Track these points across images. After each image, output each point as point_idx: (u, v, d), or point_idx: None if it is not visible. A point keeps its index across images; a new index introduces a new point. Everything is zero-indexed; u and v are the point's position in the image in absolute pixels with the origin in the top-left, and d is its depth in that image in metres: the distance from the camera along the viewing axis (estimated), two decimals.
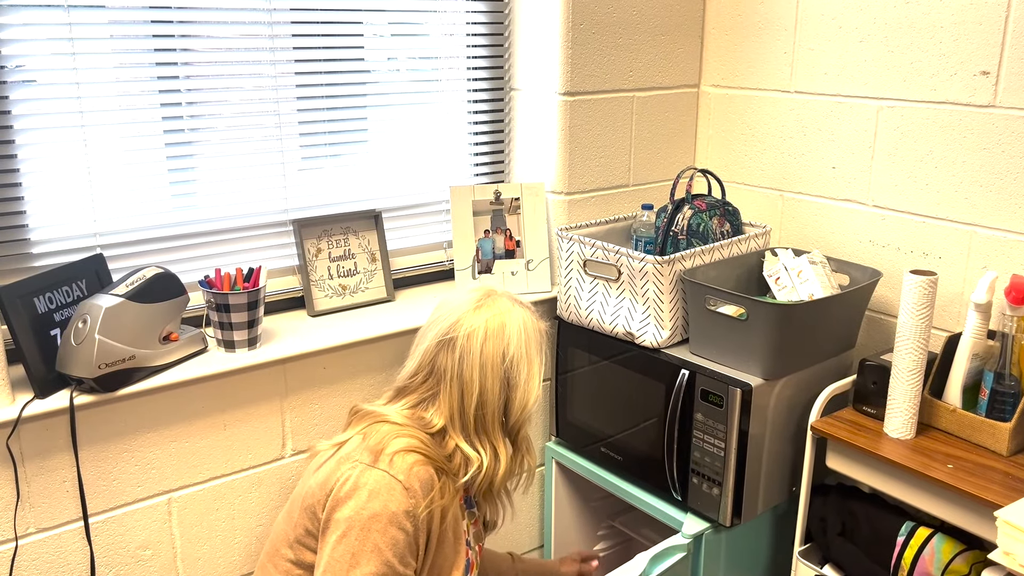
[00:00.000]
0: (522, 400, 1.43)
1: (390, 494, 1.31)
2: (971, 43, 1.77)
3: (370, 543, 1.29)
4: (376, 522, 1.30)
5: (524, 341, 1.44)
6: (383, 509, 1.30)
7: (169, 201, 1.78)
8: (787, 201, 2.18)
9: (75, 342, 1.52)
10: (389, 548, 1.30)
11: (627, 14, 2.11)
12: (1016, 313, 1.62)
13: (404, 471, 1.34)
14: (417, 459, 1.36)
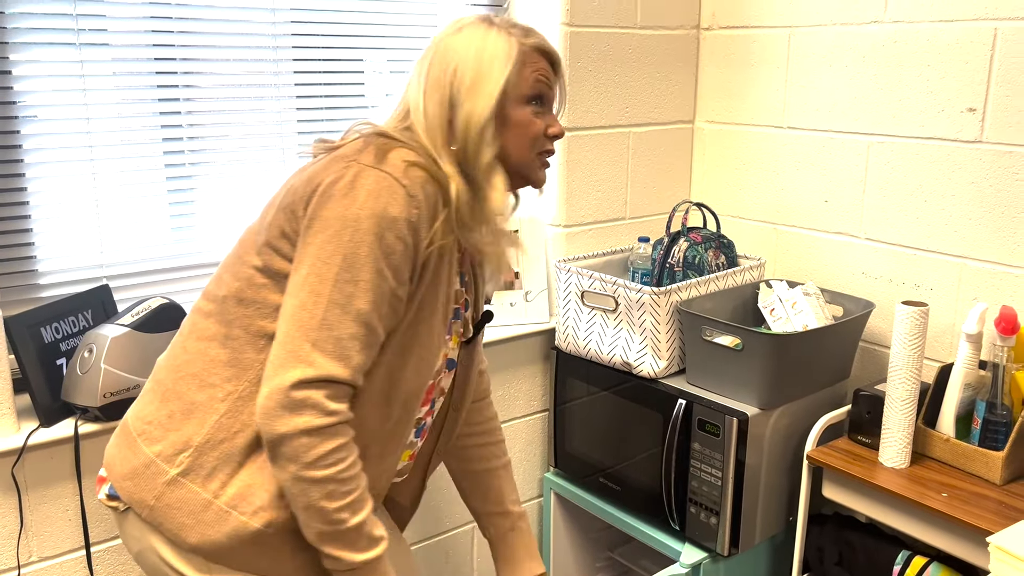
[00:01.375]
0: (463, 116, 1.20)
1: (391, 196, 1.12)
2: (957, 81, 1.82)
3: (365, 247, 1.11)
4: (373, 223, 1.11)
5: (475, 52, 1.22)
6: (383, 212, 1.11)
7: (172, 233, 1.81)
8: (781, 234, 2.22)
9: (81, 371, 1.54)
10: (385, 256, 1.12)
11: (623, 52, 2.17)
12: (1006, 343, 1.65)
13: (413, 180, 1.15)
14: (427, 177, 1.17)
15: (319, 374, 1.10)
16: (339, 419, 1.13)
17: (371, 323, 1.13)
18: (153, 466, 1.21)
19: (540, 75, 1.25)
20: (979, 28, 1.77)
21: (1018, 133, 1.74)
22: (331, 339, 1.11)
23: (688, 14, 2.28)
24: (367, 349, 1.14)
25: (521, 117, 1.24)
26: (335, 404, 1.12)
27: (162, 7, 1.70)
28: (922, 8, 1.85)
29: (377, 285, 1.13)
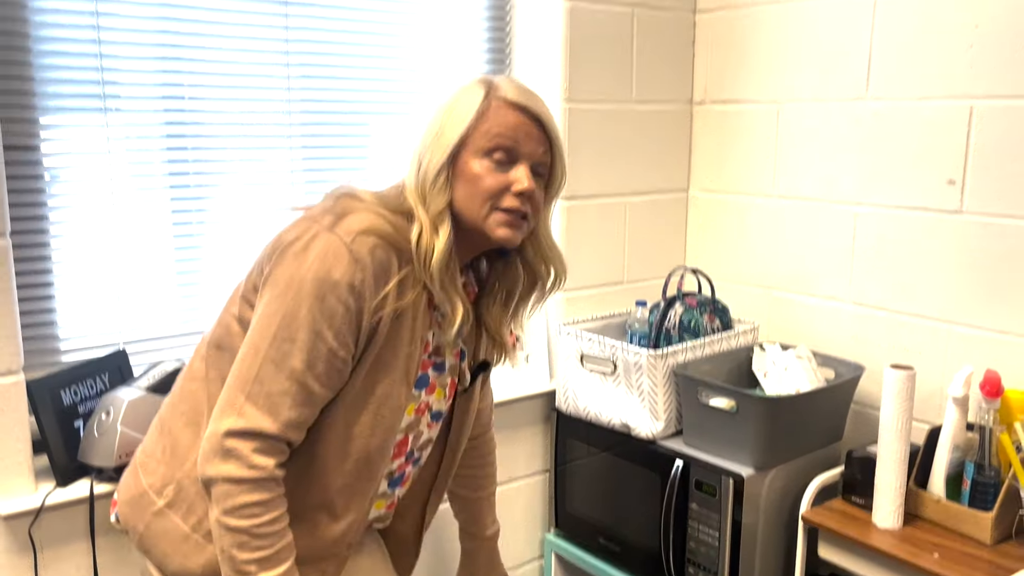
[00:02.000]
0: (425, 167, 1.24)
1: (336, 260, 1.16)
2: (938, 154, 1.91)
3: (304, 308, 1.15)
4: (315, 287, 1.15)
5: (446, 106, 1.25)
6: (326, 275, 1.15)
7: (183, 301, 1.89)
8: (774, 298, 2.29)
9: (97, 433, 1.60)
10: (325, 319, 1.15)
11: (619, 125, 2.27)
12: (991, 406, 1.71)
13: (360, 245, 1.18)
14: (378, 242, 1.19)
15: (248, 426, 1.16)
16: (261, 474, 1.16)
17: (304, 381, 1.17)
18: (145, 496, 1.31)
19: (501, 128, 1.22)
20: (956, 106, 1.87)
21: (997, 204, 1.83)
22: (263, 393, 1.16)
23: (681, 89, 2.39)
24: (301, 406, 1.18)
25: (473, 169, 1.23)
26: (260, 458, 1.16)
27: (175, 87, 1.80)
28: (901, 87, 1.96)
29: (313, 345, 1.16)
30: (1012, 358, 1.84)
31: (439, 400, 1.38)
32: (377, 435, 1.27)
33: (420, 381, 1.33)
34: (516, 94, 1.25)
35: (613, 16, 2.21)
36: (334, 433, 1.25)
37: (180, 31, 1.77)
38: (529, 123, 1.24)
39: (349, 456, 1.26)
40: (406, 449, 1.37)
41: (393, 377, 1.25)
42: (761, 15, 2.22)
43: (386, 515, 1.47)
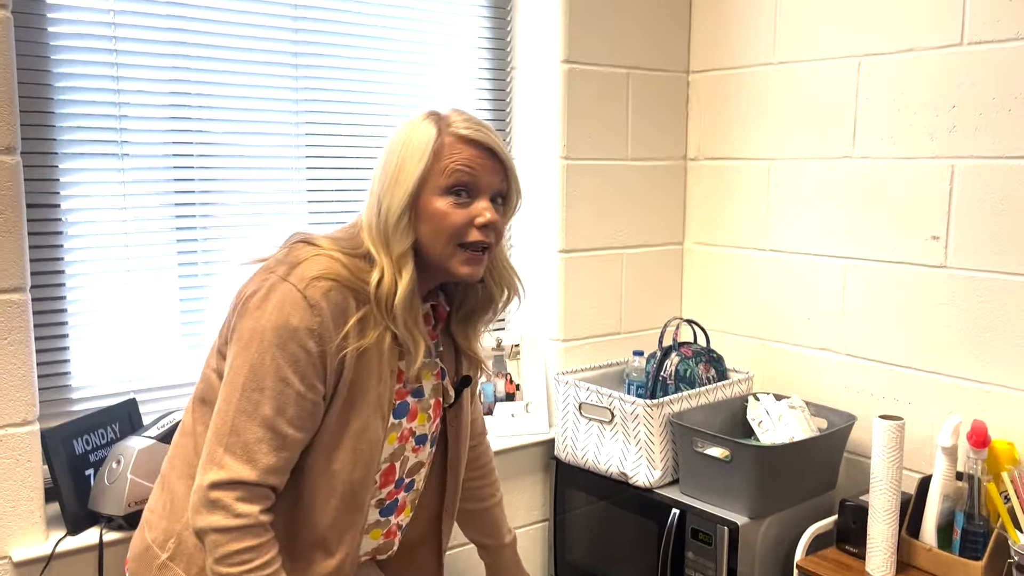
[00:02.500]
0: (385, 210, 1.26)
1: (294, 308, 1.20)
2: (921, 211, 1.99)
3: (268, 357, 1.19)
4: (276, 336, 1.19)
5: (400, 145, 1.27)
6: (284, 323, 1.19)
7: (198, 348, 1.94)
8: (768, 349, 2.35)
9: (108, 482, 1.64)
10: (289, 365, 1.20)
11: (615, 181, 2.35)
12: (979, 456, 1.75)
13: (314, 291, 1.21)
14: (332, 285, 1.23)
15: (229, 476, 1.20)
16: (247, 521, 1.20)
17: (277, 427, 1.21)
18: (150, 551, 1.34)
19: (459, 164, 1.25)
20: (938, 165, 1.95)
21: (979, 260, 1.90)
22: (239, 444, 1.20)
23: (675, 147, 2.48)
24: (277, 451, 1.22)
25: (435, 208, 1.25)
26: (245, 506, 1.20)
27: (184, 144, 1.88)
28: (886, 146, 2.04)
29: (281, 391, 1.20)
30: (998, 409, 1.89)
31: (422, 424, 1.40)
32: (358, 469, 1.30)
33: (399, 410, 1.36)
34: (467, 127, 1.27)
35: (609, 76, 2.30)
36: (316, 472, 1.28)
37: (191, 79, 1.85)
38: (484, 156, 1.27)
39: (334, 492, 1.29)
40: (394, 477, 1.39)
41: (366, 412, 1.28)
42: (752, 76, 2.32)
43: (386, 544, 1.46)
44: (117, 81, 1.76)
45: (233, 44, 1.89)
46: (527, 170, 2.34)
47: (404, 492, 1.44)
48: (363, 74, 2.08)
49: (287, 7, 1.94)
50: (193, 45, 1.84)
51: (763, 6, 2.27)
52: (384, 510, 1.42)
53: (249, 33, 1.90)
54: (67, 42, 1.70)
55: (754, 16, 2.29)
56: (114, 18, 1.75)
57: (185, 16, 1.82)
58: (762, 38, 2.28)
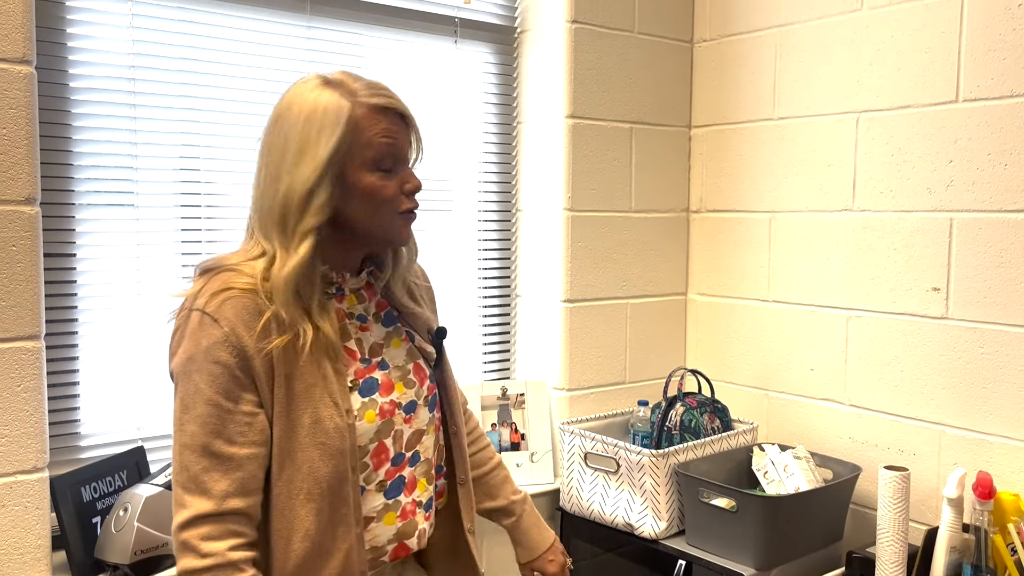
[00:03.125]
0: (285, 187, 1.20)
1: (202, 330, 1.18)
2: (922, 263, 2.02)
3: (192, 385, 1.18)
4: (192, 363, 1.18)
5: (302, 120, 1.20)
6: (196, 347, 1.18)
7: None
8: (772, 399, 2.36)
9: (115, 529, 1.64)
10: (209, 385, 1.17)
11: (618, 232, 2.39)
12: (985, 508, 1.75)
13: (214, 305, 1.19)
14: (231, 293, 1.19)
15: (191, 514, 1.16)
16: (215, 561, 1.15)
17: (218, 450, 1.17)
18: None
19: (385, 135, 1.22)
20: (936, 218, 1.99)
21: (980, 311, 1.92)
22: (190, 479, 1.17)
23: (678, 199, 2.52)
24: (229, 474, 1.17)
25: (367, 184, 1.22)
26: (210, 545, 1.15)
27: (193, 195, 1.92)
28: (885, 200, 2.08)
29: (210, 414, 1.17)
30: (1002, 460, 1.89)
31: (403, 393, 1.33)
32: (327, 463, 1.22)
33: (366, 387, 1.29)
34: (378, 96, 1.23)
35: (613, 131, 2.36)
36: (285, 479, 1.22)
37: (202, 131, 1.90)
38: (398, 123, 1.25)
39: (311, 494, 1.22)
40: (388, 455, 1.31)
41: (314, 404, 1.22)
42: (753, 131, 2.37)
43: (409, 526, 1.34)
44: (135, 133, 1.81)
45: (244, 98, 1.94)
46: (533, 221, 2.38)
47: (409, 467, 1.34)
48: None
49: (299, 63, 2.00)
50: (205, 99, 1.89)
51: (763, 63, 2.33)
52: (388, 491, 1.31)
53: (261, 87, 1.96)
54: (87, 96, 1.76)
55: (754, 73, 2.36)
56: (134, 73, 1.80)
57: (199, 72, 1.88)
58: (762, 94, 2.34)
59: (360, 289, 1.34)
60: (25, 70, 1.54)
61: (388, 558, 1.32)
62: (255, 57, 1.95)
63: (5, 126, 1.53)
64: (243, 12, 1.92)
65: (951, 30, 1.94)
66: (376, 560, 1.30)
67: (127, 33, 1.79)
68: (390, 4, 2.13)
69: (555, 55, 2.28)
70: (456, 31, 2.26)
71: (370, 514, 1.28)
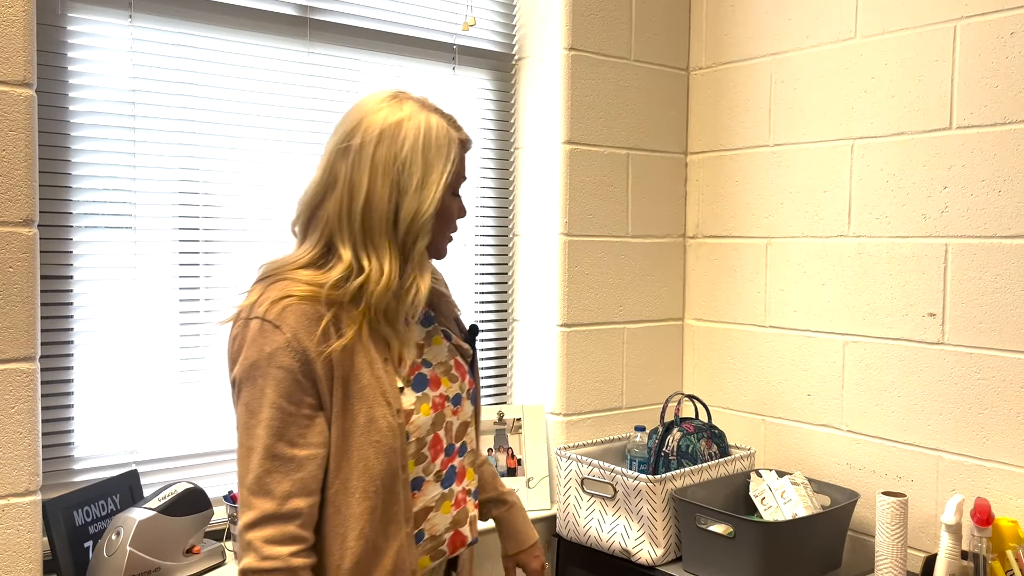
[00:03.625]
0: (410, 208, 1.27)
1: (264, 337, 1.23)
2: (917, 289, 2.02)
3: (257, 390, 1.23)
4: (256, 369, 1.23)
5: (422, 144, 1.28)
6: (259, 353, 1.23)
7: (199, 421, 1.95)
8: (769, 425, 2.35)
9: (107, 554, 1.62)
10: (274, 389, 1.22)
11: (616, 257, 2.40)
12: (983, 534, 1.75)
13: (275, 312, 1.24)
14: (291, 301, 1.24)
15: (255, 515, 1.20)
16: (276, 564, 1.19)
17: (280, 452, 1.21)
18: None
19: (463, 167, 1.35)
20: (931, 244, 2.00)
21: (975, 336, 1.92)
22: (255, 481, 1.21)
23: (674, 224, 2.53)
24: (291, 475, 1.22)
25: (449, 207, 1.34)
26: (272, 548, 1.19)
27: (191, 219, 1.92)
28: (880, 226, 2.09)
29: (273, 417, 1.22)
30: (1000, 486, 1.89)
31: (448, 387, 1.39)
32: (380, 460, 1.27)
33: (418, 383, 1.34)
34: (462, 129, 1.36)
35: (610, 157, 2.37)
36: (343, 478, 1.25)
37: (202, 155, 1.91)
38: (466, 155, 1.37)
39: (367, 493, 1.26)
40: (442, 445, 1.38)
41: (368, 403, 1.27)
42: (749, 158, 2.39)
43: (461, 514, 1.42)
44: (134, 156, 1.82)
45: (244, 122, 1.96)
46: (530, 245, 2.38)
47: (459, 457, 1.41)
48: None
49: (299, 87, 2.02)
50: (205, 123, 1.91)
51: (758, 91, 2.36)
52: (444, 481, 1.38)
53: (260, 111, 1.97)
54: (87, 119, 1.77)
55: (750, 100, 2.38)
56: (134, 97, 1.82)
57: (199, 95, 1.89)
58: (758, 121, 2.36)
59: None
60: (26, 93, 1.55)
61: (446, 547, 1.38)
62: (255, 82, 1.96)
63: (5, 148, 1.54)
64: (243, 37, 1.94)
65: (944, 58, 1.97)
66: (436, 550, 1.36)
67: (127, 57, 1.81)
68: (389, 30, 2.15)
69: (552, 82, 2.31)
70: (454, 57, 2.28)
71: (429, 504, 1.35)
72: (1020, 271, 1.86)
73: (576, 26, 2.29)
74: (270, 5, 1.97)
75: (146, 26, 1.83)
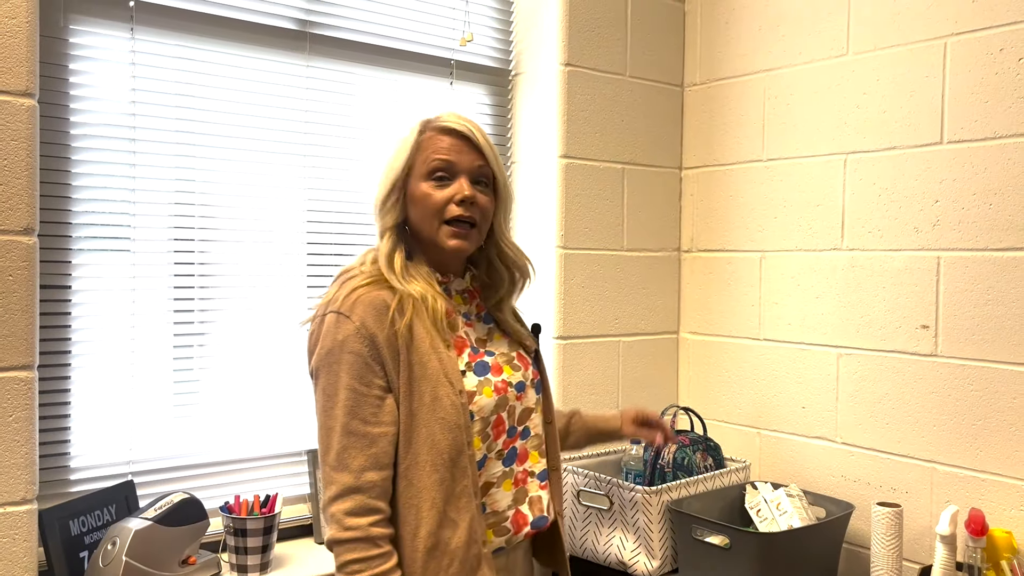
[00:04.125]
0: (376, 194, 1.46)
1: (337, 327, 1.36)
2: (911, 301, 2.04)
3: (332, 375, 1.35)
4: (331, 356, 1.36)
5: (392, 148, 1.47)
6: (333, 343, 1.36)
7: (196, 430, 1.95)
8: (764, 438, 2.36)
9: (102, 563, 1.62)
10: (347, 373, 1.35)
11: (611, 271, 2.41)
12: (978, 544, 1.75)
13: (347, 305, 1.37)
14: (359, 291, 1.38)
15: (336, 490, 1.33)
16: (356, 534, 1.32)
17: (355, 429, 1.34)
18: None
19: (437, 151, 1.43)
20: (924, 256, 2.02)
21: (969, 348, 1.94)
22: (335, 458, 1.34)
23: (669, 239, 2.55)
24: (365, 450, 1.34)
25: (419, 191, 1.43)
26: (353, 520, 1.32)
27: (186, 241, 1.94)
28: (873, 239, 2.11)
29: (348, 397, 1.35)
30: (994, 498, 1.90)
31: (512, 374, 1.50)
32: (446, 435, 1.37)
33: (479, 368, 1.46)
34: (448, 120, 1.46)
35: (605, 171, 2.40)
36: (413, 453, 1.37)
37: (201, 167, 1.93)
38: (461, 142, 1.44)
39: (435, 465, 1.37)
40: (504, 427, 1.48)
41: (433, 384, 1.38)
42: (743, 172, 2.41)
43: (520, 493, 1.50)
44: (134, 168, 1.83)
45: (243, 135, 1.97)
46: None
47: (521, 440, 1.51)
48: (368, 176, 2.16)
49: (298, 100, 2.04)
50: (204, 134, 1.92)
51: (752, 107, 2.39)
52: (506, 460, 1.49)
53: (259, 124, 1.99)
54: (88, 131, 1.78)
55: (743, 116, 2.41)
56: (135, 108, 1.83)
57: (198, 108, 1.91)
58: (751, 136, 2.39)
59: (464, 291, 1.53)
60: (28, 103, 1.57)
61: (510, 525, 1.47)
62: (254, 94, 1.98)
63: (7, 157, 1.55)
64: (243, 51, 1.96)
65: (935, 74, 2.00)
66: (499, 526, 1.46)
67: (128, 69, 1.82)
68: (388, 45, 2.18)
69: (549, 97, 2.33)
70: (452, 72, 2.31)
71: (491, 479, 1.46)
72: (1011, 283, 1.88)
73: (572, 42, 2.32)
74: (270, 19, 2.00)
75: (147, 39, 1.84)
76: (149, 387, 1.88)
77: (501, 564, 1.48)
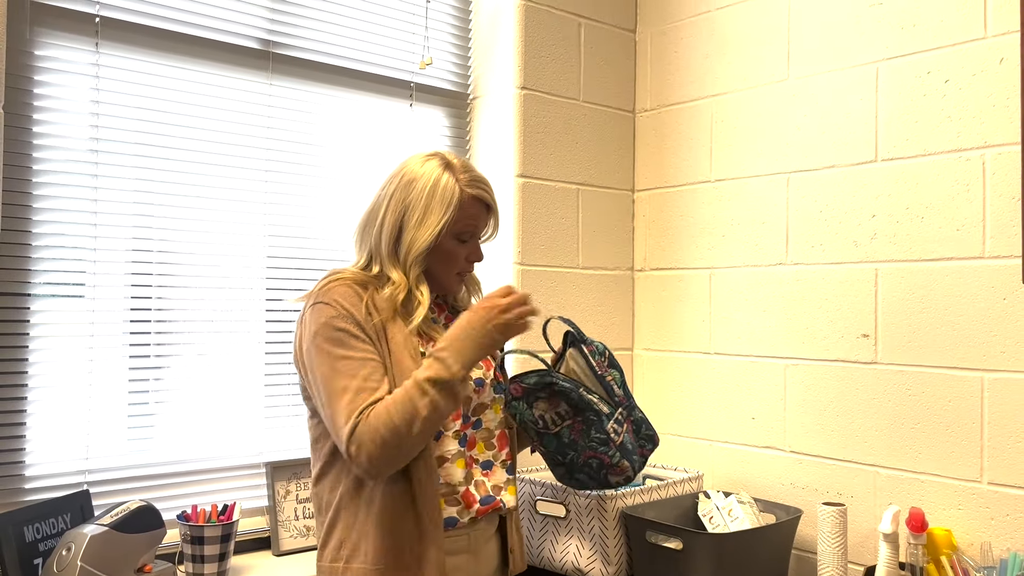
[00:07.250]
0: (406, 241, 1.56)
1: (320, 312, 1.49)
2: (851, 312, 2.13)
3: (323, 352, 1.47)
4: (318, 336, 1.48)
5: (427, 193, 1.56)
6: (317, 324, 1.49)
7: (153, 442, 1.95)
8: (715, 449, 2.42)
9: (57, 569, 1.60)
10: (334, 345, 1.47)
11: (567, 288, 2.48)
12: (918, 541, 1.82)
13: (327, 294, 1.51)
14: (337, 283, 1.53)
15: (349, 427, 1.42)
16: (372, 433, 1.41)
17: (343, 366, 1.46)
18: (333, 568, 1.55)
19: (471, 220, 1.59)
20: (863, 268, 2.12)
21: (905, 355, 2.03)
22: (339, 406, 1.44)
23: (623, 258, 2.63)
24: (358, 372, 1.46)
25: (449, 249, 1.59)
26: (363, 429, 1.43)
27: (145, 264, 1.96)
28: (816, 253, 2.21)
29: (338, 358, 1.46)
30: (933, 498, 1.97)
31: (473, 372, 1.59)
32: None
33: None
34: (478, 189, 1.60)
35: (561, 191, 2.47)
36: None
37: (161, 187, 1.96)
38: (485, 211, 1.63)
39: None
40: (460, 412, 1.60)
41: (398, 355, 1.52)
42: (692, 193, 2.51)
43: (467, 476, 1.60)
44: (96, 178, 1.86)
45: (207, 160, 2.01)
46: (486, 274, 2.45)
47: (472, 429, 1.63)
48: (328, 193, 2.21)
49: (260, 117, 2.09)
50: (167, 148, 1.96)
51: (700, 130, 2.49)
52: (460, 441, 1.60)
53: (221, 139, 2.03)
54: (50, 142, 1.81)
55: (692, 139, 2.51)
56: (99, 121, 1.86)
57: (161, 122, 1.95)
58: (700, 159, 2.49)
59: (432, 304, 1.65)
60: None
61: (462, 499, 1.57)
62: (216, 111, 2.02)
63: None
64: (206, 68, 2.01)
65: (868, 96, 2.12)
66: (451, 497, 1.56)
67: (93, 82, 1.86)
68: (349, 67, 2.24)
69: (506, 119, 2.41)
70: (412, 95, 2.38)
71: (445, 455, 1.56)
72: (943, 291, 1.98)
73: (528, 67, 2.41)
74: (233, 38, 2.05)
75: (112, 53, 1.88)
76: (106, 397, 1.89)
77: (463, 545, 1.59)
